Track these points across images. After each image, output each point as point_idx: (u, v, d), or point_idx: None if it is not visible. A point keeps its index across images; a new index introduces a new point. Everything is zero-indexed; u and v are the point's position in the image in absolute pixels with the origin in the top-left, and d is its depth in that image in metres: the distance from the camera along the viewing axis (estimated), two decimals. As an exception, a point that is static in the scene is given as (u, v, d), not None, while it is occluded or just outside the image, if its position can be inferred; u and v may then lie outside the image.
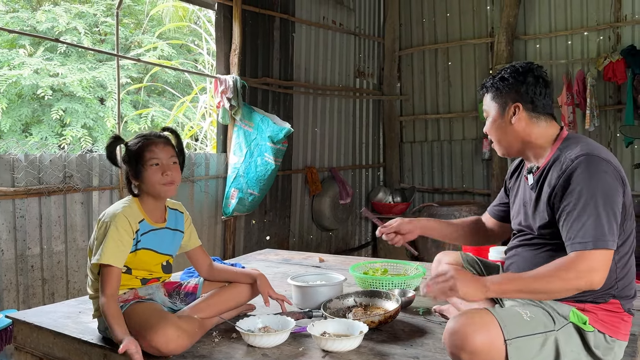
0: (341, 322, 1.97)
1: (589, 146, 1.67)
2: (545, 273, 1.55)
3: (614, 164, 1.63)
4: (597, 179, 1.58)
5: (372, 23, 7.14)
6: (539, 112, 1.80)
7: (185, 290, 2.28)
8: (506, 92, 1.82)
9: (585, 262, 1.53)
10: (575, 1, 6.14)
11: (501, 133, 1.85)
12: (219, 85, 4.57)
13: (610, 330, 1.65)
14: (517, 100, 1.80)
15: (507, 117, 1.81)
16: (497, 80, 1.86)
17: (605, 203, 1.57)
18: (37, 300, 3.44)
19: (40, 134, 7.39)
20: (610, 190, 1.58)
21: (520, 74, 1.81)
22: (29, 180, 3.36)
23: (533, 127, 1.80)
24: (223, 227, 4.85)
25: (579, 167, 1.61)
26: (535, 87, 1.79)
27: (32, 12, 7.76)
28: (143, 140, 2.06)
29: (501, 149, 1.90)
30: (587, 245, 1.54)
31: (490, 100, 1.88)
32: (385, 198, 6.85)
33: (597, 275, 1.54)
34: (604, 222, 1.55)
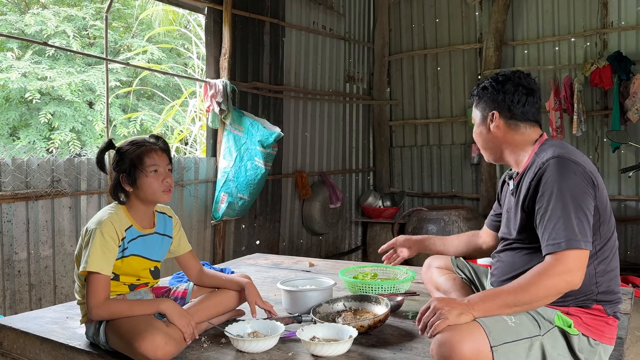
0: (330, 326, 1.97)
1: (562, 149, 1.70)
2: (523, 283, 1.56)
3: (585, 166, 1.65)
4: (566, 180, 1.61)
5: (362, 28, 7.17)
6: (518, 119, 1.84)
7: (175, 295, 2.27)
8: (486, 100, 1.89)
9: (560, 265, 1.55)
10: (562, 8, 6.21)
11: (483, 140, 1.93)
12: (208, 89, 4.56)
13: (594, 333, 1.66)
14: (495, 108, 1.86)
15: (487, 124, 1.89)
16: (480, 89, 1.92)
17: (574, 204, 1.58)
18: (24, 305, 3.40)
19: (28, 138, 7.33)
20: (579, 191, 1.60)
21: (499, 83, 1.87)
22: (16, 184, 3.33)
23: (511, 134, 1.85)
24: (212, 231, 4.84)
25: (548, 169, 1.64)
26: (513, 95, 1.84)
27: (21, 15, 7.71)
28: (142, 146, 2.03)
29: (486, 155, 1.97)
30: (560, 246, 1.56)
31: (475, 109, 1.95)
32: (375, 202, 6.87)
33: (574, 276, 1.55)
34: (574, 223, 1.57)
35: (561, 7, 6.21)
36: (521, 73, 1.89)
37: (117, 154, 2.04)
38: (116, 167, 2.03)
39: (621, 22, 5.90)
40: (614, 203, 6.04)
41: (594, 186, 1.64)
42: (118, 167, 2.02)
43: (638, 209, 5.89)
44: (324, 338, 1.91)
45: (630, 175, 5.22)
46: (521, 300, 1.55)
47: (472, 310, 1.55)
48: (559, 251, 1.56)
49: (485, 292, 1.62)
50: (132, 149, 2.03)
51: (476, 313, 1.55)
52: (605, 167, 6.09)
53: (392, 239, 2.41)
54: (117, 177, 2.02)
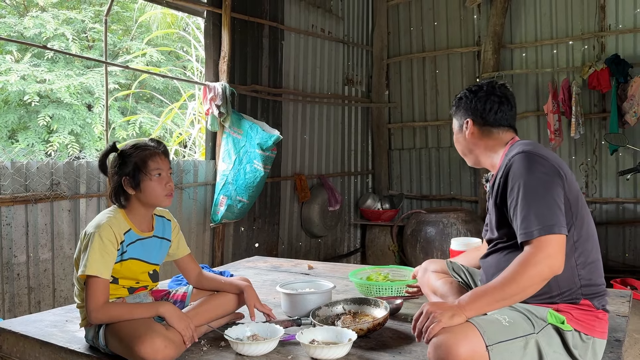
0: (330, 329, 1.98)
1: (528, 146, 1.77)
2: (507, 276, 1.59)
3: (549, 159, 1.72)
4: (532, 171, 1.67)
5: (361, 31, 7.19)
6: (490, 125, 1.95)
7: (174, 298, 2.27)
8: (461, 109, 2.03)
9: (538, 252, 1.57)
10: (560, 11, 6.23)
11: (461, 146, 2.07)
12: (207, 92, 4.57)
13: (585, 328, 1.67)
14: (469, 116, 1.99)
15: (463, 131, 2.01)
16: (457, 99, 2.07)
17: (543, 192, 1.63)
18: (23, 309, 3.40)
19: (27, 141, 7.33)
20: (546, 180, 1.66)
21: (472, 92, 2.00)
22: (15, 187, 3.33)
23: (485, 140, 1.97)
24: (212, 234, 4.84)
25: (514, 163, 1.72)
26: (485, 103, 1.96)
27: (20, 18, 7.71)
28: (147, 150, 2.04)
29: (467, 160, 2.09)
30: (534, 234, 1.59)
31: (454, 118, 2.09)
32: (374, 205, 6.88)
33: (555, 260, 1.58)
34: (544, 211, 1.60)
35: (559, 10, 6.23)
36: (495, 83, 2.01)
37: (120, 157, 2.04)
38: (119, 170, 2.03)
39: (619, 25, 5.92)
40: (612, 206, 6.05)
41: (560, 176, 1.69)
42: (121, 170, 2.02)
43: (636, 212, 5.91)
44: (324, 341, 1.91)
45: (628, 177, 5.24)
46: (508, 293, 1.57)
47: (463, 310, 1.57)
48: (534, 239, 1.59)
49: (474, 291, 1.64)
50: (136, 152, 2.03)
51: (468, 313, 1.57)
52: (603, 170, 6.10)
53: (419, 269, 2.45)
54: (119, 180, 2.02)
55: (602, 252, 6.21)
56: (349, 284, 2.98)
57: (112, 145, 2.08)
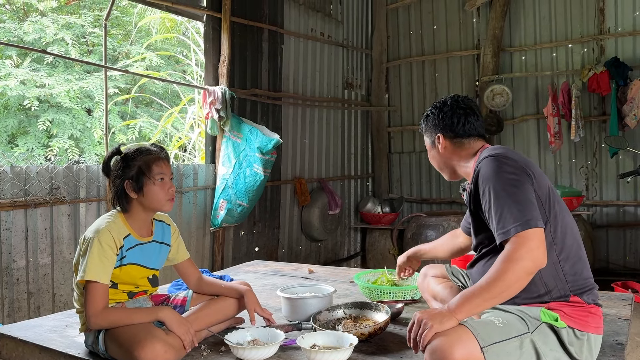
0: (331, 334, 1.97)
1: (494, 150, 1.82)
2: (493, 275, 1.58)
3: (515, 160, 1.75)
4: (499, 172, 1.71)
5: (360, 35, 7.20)
6: (461, 136, 1.99)
7: (174, 303, 2.26)
8: (430, 126, 2.07)
9: (519, 248, 1.57)
10: (559, 14, 6.24)
11: (437, 162, 2.10)
12: (207, 96, 4.57)
13: (578, 324, 1.67)
14: (439, 131, 2.03)
15: (436, 147, 2.06)
16: (424, 117, 2.12)
17: (512, 190, 1.66)
18: (22, 314, 3.39)
19: (27, 145, 7.33)
20: (513, 179, 1.69)
21: (437, 108, 2.05)
22: (15, 192, 3.33)
23: (457, 151, 2.01)
24: (211, 238, 4.83)
25: (482, 168, 1.77)
26: (452, 117, 2.00)
27: (19, 23, 7.72)
28: (151, 154, 2.04)
29: (444, 174, 2.12)
30: (511, 232, 1.61)
31: (425, 136, 2.14)
32: (374, 208, 6.87)
33: (537, 253, 1.58)
34: (517, 207, 1.62)
35: (558, 13, 6.24)
36: (458, 96, 2.06)
37: (124, 160, 2.04)
38: (122, 173, 2.02)
39: (618, 28, 5.93)
40: (612, 208, 6.05)
41: (528, 174, 1.72)
42: (124, 173, 2.02)
43: (637, 215, 5.90)
44: (324, 346, 1.90)
45: (628, 180, 5.24)
46: (496, 292, 1.56)
47: (454, 314, 1.57)
48: (511, 236, 1.60)
49: (462, 293, 1.64)
50: (140, 156, 2.03)
51: (459, 316, 1.57)
52: (603, 173, 6.10)
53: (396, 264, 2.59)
54: (122, 183, 2.02)
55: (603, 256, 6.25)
56: (349, 288, 2.97)
57: (117, 148, 2.07)
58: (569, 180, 6.28)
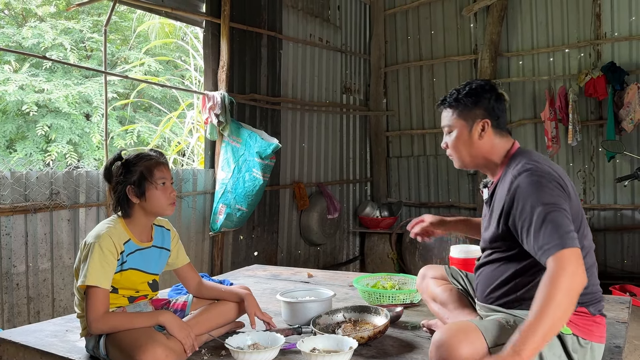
0: (331, 338, 1.98)
1: (530, 161, 1.74)
2: (545, 300, 1.49)
3: (554, 175, 1.69)
4: (540, 190, 1.64)
5: (358, 40, 7.23)
6: (501, 127, 1.89)
7: (174, 307, 2.27)
8: (475, 108, 1.88)
9: (566, 266, 1.51)
10: (556, 19, 6.28)
11: (466, 149, 1.91)
12: (207, 101, 4.59)
13: (583, 332, 1.67)
14: (486, 116, 1.86)
15: (475, 133, 1.87)
16: (464, 96, 1.90)
17: (554, 209, 1.60)
18: (22, 319, 3.39)
19: (25, 150, 7.33)
20: (555, 196, 1.63)
21: (486, 91, 1.88)
22: (15, 197, 3.34)
23: (496, 143, 1.88)
24: (211, 243, 4.84)
25: (521, 183, 1.68)
26: (498, 103, 1.87)
27: (18, 28, 7.74)
28: (152, 159, 2.06)
29: (460, 163, 1.96)
30: (555, 249, 1.54)
31: (455, 117, 1.92)
32: (373, 212, 6.88)
33: (581, 273, 1.53)
34: (560, 226, 1.57)
35: (555, 18, 6.28)
36: (495, 83, 1.94)
37: (125, 165, 2.05)
38: (124, 178, 2.03)
39: (614, 33, 5.97)
40: (609, 212, 6.07)
41: (564, 190, 1.68)
42: (126, 178, 2.03)
43: (634, 218, 5.92)
44: (324, 349, 1.91)
45: (625, 184, 5.26)
46: (555, 317, 1.47)
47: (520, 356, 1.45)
48: (556, 253, 1.53)
49: (522, 330, 1.51)
50: (141, 161, 2.05)
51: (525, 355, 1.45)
52: (600, 177, 6.13)
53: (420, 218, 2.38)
54: (124, 189, 2.03)
55: (601, 259, 6.27)
56: (349, 292, 2.98)
57: (118, 154, 2.09)
58: (566, 184, 6.29)
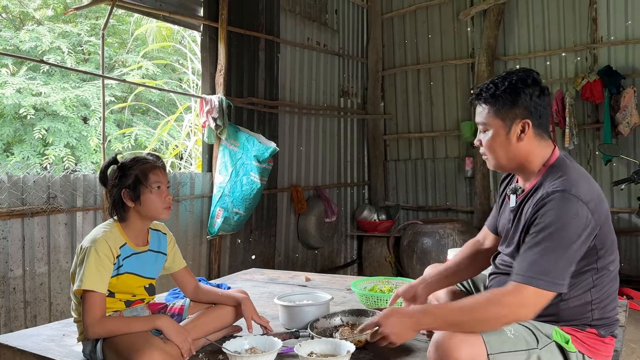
0: (328, 342, 1.97)
1: (569, 180, 1.57)
2: (473, 304, 1.54)
3: (589, 204, 1.54)
4: (564, 220, 1.51)
5: (356, 44, 7.25)
6: (543, 129, 1.68)
7: (171, 311, 2.27)
8: (514, 106, 1.65)
9: (515, 297, 1.51)
10: (553, 23, 6.31)
11: (503, 151, 1.70)
12: (204, 105, 4.59)
13: (590, 351, 1.65)
14: (526, 116, 1.65)
15: (514, 134, 1.66)
16: (502, 91, 1.65)
17: (561, 246, 1.50)
18: (18, 323, 3.38)
19: (22, 154, 7.31)
20: (572, 235, 1.51)
21: (528, 86, 1.64)
22: (12, 201, 3.33)
23: (536, 147, 1.68)
24: (208, 246, 4.83)
25: (550, 203, 1.55)
26: (541, 99, 1.65)
27: (15, 32, 7.73)
28: (147, 163, 2.05)
29: (496, 164, 1.76)
30: (525, 279, 1.52)
31: (492, 115, 1.69)
32: (371, 216, 6.88)
33: (526, 312, 1.52)
34: (551, 262, 1.51)
35: (551, 22, 6.31)
36: (537, 73, 1.68)
37: (120, 169, 2.05)
38: (119, 182, 2.03)
39: (610, 37, 5.99)
40: (607, 215, 6.07)
41: (594, 226, 1.55)
42: (121, 182, 2.03)
43: (631, 222, 5.94)
44: (322, 353, 1.91)
45: (622, 188, 5.27)
46: (468, 325, 1.53)
47: (417, 326, 1.61)
48: (521, 283, 1.52)
49: (436, 307, 1.64)
50: (136, 165, 2.04)
51: (422, 326, 1.62)
52: (597, 180, 6.13)
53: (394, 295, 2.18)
54: (119, 192, 2.03)
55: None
56: (346, 296, 2.98)
57: (114, 157, 2.08)
58: (563, 188, 6.31)
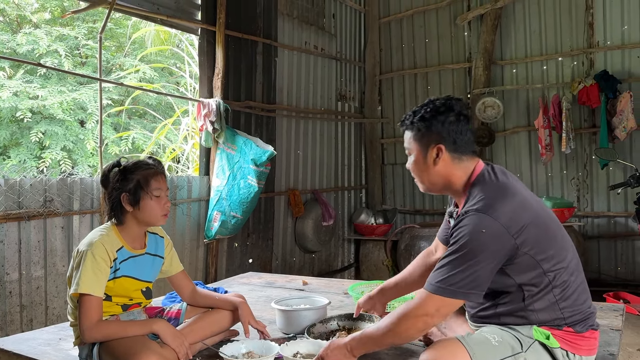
0: (315, 343, 1.97)
1: (485, 199, 1.63)
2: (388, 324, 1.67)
3: (500, 219, 1.58)
4: (472, 235, 1.58)
5: (353, 48, 7.26)
6: (461, 151, 1.75)
7: (168, 315, 2.26)
8: (428, 132, 1.75)
9: (421, 307, 1.61)
10: (549, 27, 6.34)
11: (425, 174, 1.81)
12: (202, 108, 4.59)
13: (571, 347, 1.66)
14: (440, 141, 1.73)
15: (430, 158, 1.76)
16: (418, 119, 1.77)
17: (467, 258, 1.57)
18: (14, 327, 3.36)
19: (19, 157, 7.30)
20: (478, 248, 1.57)
21: (441, 113, 1.73)
22: (8, 204, 3.32)
23: (455, 169, 1.75)
24: (205, 250, 4.82)
25: (463, 221, 1.62)
26: (457, 125, 1.73)
27: (12, 35, 7.72)
28: (150, 168, 2.05)
29: (423, 187, 1.88)
30: (431, 288, 1.61)
31: (412, 140, 1.82)
32: (368, 220, 6.88)
33: (432, 319, 1.62)
34: (457, 273, 1.57)
35: (548, 27, 6.34)
36: (456, 100, 1.78)
37: (122, 173, 2.04)
38: (120, 185, 2.02)
39: (607, 42, 6.02)
40: (603, 219, 6.10)
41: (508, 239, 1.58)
42: (122, 186, 2.02)
43: (627, 225, 5.96)
44: (307, 354, 1.92)
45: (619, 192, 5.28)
46: (388, 341, 1.70)
47: (352, 354, 1.74)
48: (427, 291, 1.62)
49: (363, 333, 1.74)
50: (138, 170, 2.04)
51: (356, 353, 1.74)
52: (594, 184, 6.16)
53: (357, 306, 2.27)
54: (119, 196, 2.02)
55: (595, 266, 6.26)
56: (344, 300, 2.98)
57: (117, 161, 2.08)
58: (560, 192, 6.33)
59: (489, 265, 1.58)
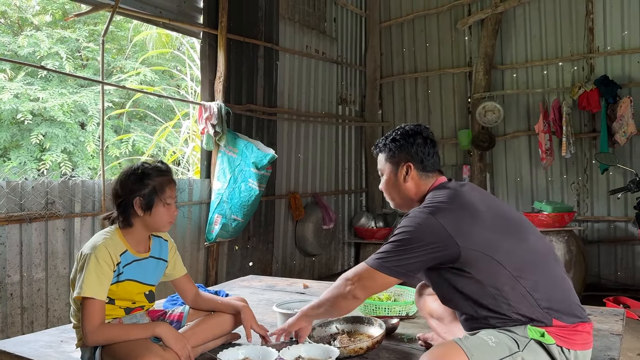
0: (318, 347, 1.97)
1: (432, 201, 1.81)
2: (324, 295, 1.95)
3: (439, 217, 1.72)
4: (409, 227, 1.74)
5: (354, 52, 7.28)
6: (428, 170, 1.94)
7: (170, 318, 2.26)
8: (398, 152, 1.96)
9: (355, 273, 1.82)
10: (550, 32, 6.35)
11: (395, 191, 2.00)
12: (203, 111, 4.60)
13: (565, 342, 1.67)
14: (409, 160, 1.94)
15: (400, 176, 1.95)
16: (390, 141, 2.00)
17: (402, 243, 1.74)
18: (15, 329, 3.36)
19: (19, 159, 7.31)
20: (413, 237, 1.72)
21: (410, 136, 1.95)
22: (10, 206, 3.32)
23: (422, 185, 1.94)
24: (206, 253, 4.83)
25: (408, 215, 1.80)
26: (424, 147, 1.94)
27: (14, 37, 7.74)
28: (166, 176, 2.05)
29: (394, 204, 2.06)
30: (367, 261, 1.80)
31: (384, 161, 2.02)
32: (368, 223, 6.89)
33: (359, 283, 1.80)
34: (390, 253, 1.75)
35: (549, 32, 6.36)
36: (424, 127, 2.01)
37: (139, 177, 2.02)
38: (135, 188, 2.01)
39: (607, 47, 6.04)
40: (603, 224, 6.10)
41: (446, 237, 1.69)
42: (137, 189, 2.01)
43: (627, 230, 5.96)
44: (309, 358, 1.92)
45: (619, 196, 5.30)
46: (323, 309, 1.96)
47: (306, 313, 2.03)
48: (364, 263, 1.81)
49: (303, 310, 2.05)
50: (156, 176, 2.03)
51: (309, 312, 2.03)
52: (594, 189, 6.17)
53: None
54: (132, 199, 2.01)
55: (594, 271, 6.25)
56: (344, 304, 2.97)
57: (140, 164, 2.06)
58: (560, 196, 6.34)
59: (422, 256, 1.72)
